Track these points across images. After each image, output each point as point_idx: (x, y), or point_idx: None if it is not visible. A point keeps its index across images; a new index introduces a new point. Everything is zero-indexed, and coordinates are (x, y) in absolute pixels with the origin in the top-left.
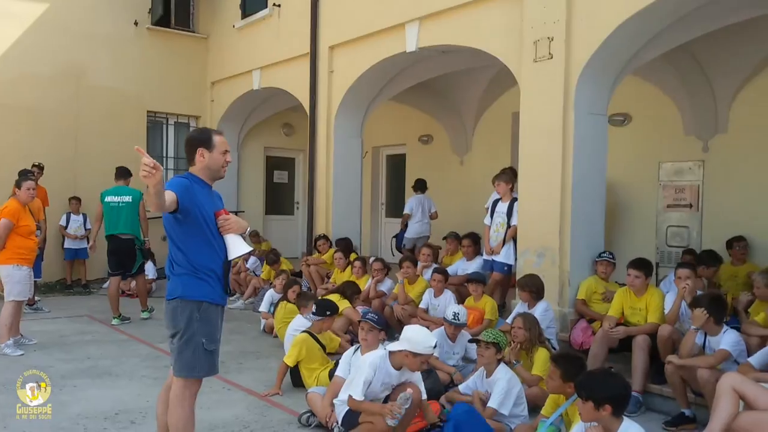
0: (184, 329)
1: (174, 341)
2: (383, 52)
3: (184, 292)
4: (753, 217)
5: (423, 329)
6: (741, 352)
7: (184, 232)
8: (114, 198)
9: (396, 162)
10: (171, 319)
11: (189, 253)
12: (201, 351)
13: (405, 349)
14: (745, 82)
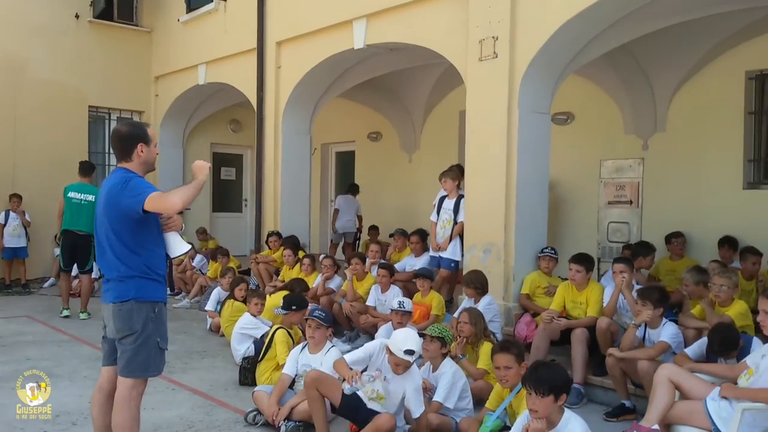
0: (140, 331)
1: (125, 343)
2: (331, 49)
3: (138, 293)
4: (690, 213)
5: (409, 332)
6: (679, 344)
7: (140, 233)
8: (77, 195)
9: (345, 159)
10: (125, 321)
11: (143, 254)
12: (156, 350)
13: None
14: (682, 82)
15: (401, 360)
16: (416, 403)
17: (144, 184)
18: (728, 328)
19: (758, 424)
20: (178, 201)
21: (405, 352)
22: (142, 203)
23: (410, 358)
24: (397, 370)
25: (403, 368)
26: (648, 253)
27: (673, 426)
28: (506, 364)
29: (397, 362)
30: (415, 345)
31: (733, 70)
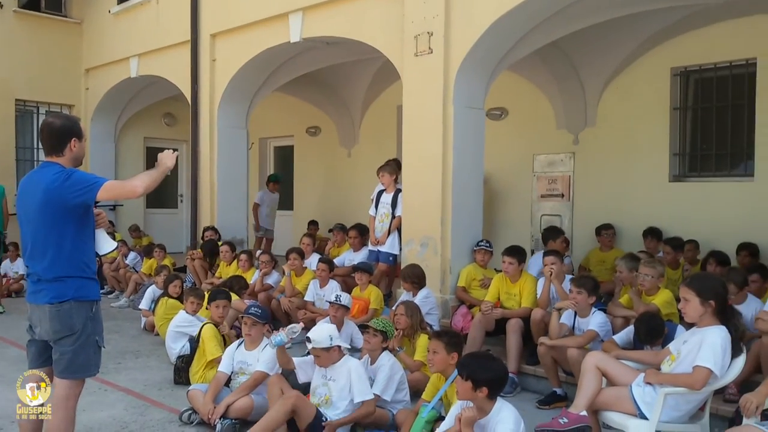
0: (81, 331)
1: (64, 344)
2: (267, 42)
3: (77, 293)
4: (619, 206)
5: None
6: (607, 332)
7: (82, 231)
8: None
9: (284, 154)
10: (64, 321)
11: (80, 252)
12: (95, 349)
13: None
14: (611, 78)
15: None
16: (359, 388)
17: (91, 175)
18: (653, 317)
19: (680, 408)
20: (140, 185)
21: (306, 339)
22: (95, 194)
23: (309, 344)
24: (317, 362)
25: (323, 360)
26: (557, 236)
27: (601, 411)
28: (434, 348)
29: (314, 354)
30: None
31: (658, 66)
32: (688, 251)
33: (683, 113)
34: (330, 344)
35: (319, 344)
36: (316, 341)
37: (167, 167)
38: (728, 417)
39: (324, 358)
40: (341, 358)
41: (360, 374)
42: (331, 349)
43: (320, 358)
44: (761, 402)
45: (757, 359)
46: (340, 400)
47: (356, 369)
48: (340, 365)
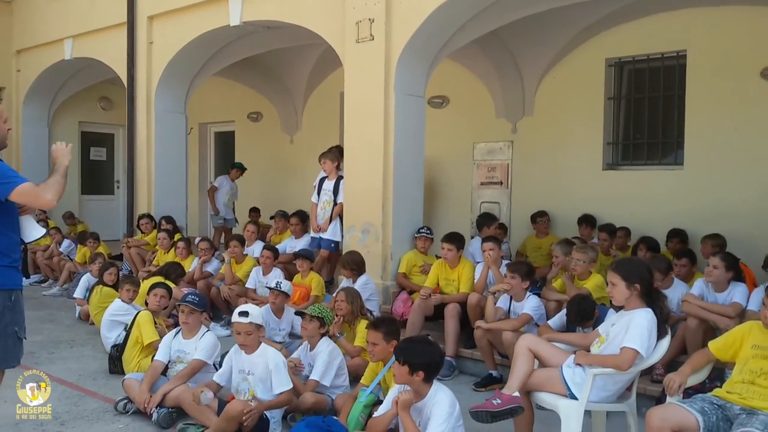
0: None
1: None
2: (206, 25)
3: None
4: (555, 193)
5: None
6: (541, 316)
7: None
8: None
9: (225, 139)
10: None
11: (2, 240)
12: (15, 340)
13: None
14: (548, 68)
15: (237, 325)
16: (277, 379)
17: (11, 171)
18: (584, 300)
19: (608, 388)
20: (52, 198)
21: (239, 314)
22: (7, 193)
23: (243, 319)
24: (238, 339)
25: (244, 336)
26: (491, 222)
27: (533, 392)
28: (373, 340)
29: (237, 331)
30: (248, 308)
31: (594, 57)
32: (620, 238)
33: (617, 103)
34: (262, 323)
35: (256, 319)
36: (254, 315)
37: (65, 166)
38: (655, 396)
39: (253, 338)
40: (260, 347)
41: (278, 364)
42: (260, 329)
43: (249, 337)
44: (683, 381)
45: (682, 340)
46: (264, 393)
47: (273, 359)
48: (256, 356)
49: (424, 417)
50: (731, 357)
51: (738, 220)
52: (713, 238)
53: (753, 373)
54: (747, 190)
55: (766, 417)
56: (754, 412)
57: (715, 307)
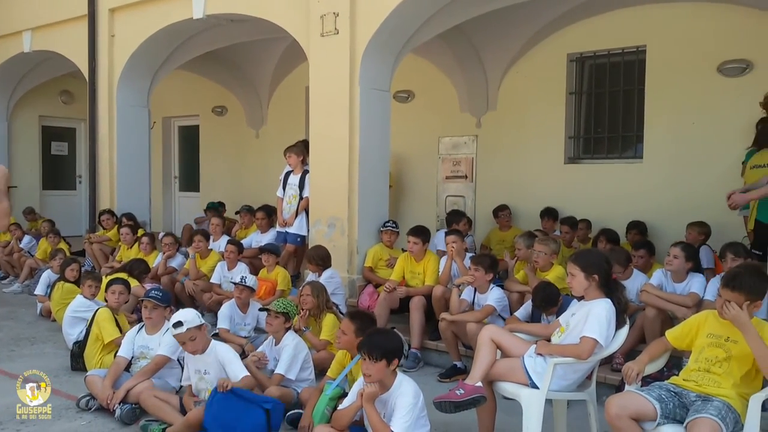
0: None
1: None
2: (169, 18)
3: None
4: (519, 187)
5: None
6: (504, 307)
7: None
8: None
9: (189, 134)
10: None
11: None
12: None
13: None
14: (511, 63)
15: (177, 337)
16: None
17: None
18: (548, 286)
19: (568, 377)
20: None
21: (173, 326)
22: None
23: (179, 330)
24: (185, 348)
25: (189, 344)
26: (459, 219)
27: (496, 382)
28: (345, 329)
29: (180, 342)
30: (180, 316)
31: (555, 52)
32: (581, 230)
33: (578, 98)
34: (201, 322)
35: (192, 323)
36: (188, 321)
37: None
38: (615, 385)
39: (199, 340)
40: (209, 345)
41: (228, 357)
42: (203, 327)
43: (194, 342)
44: (641, 369)
45: (641, 330)
46: None
47: (223, 353)
48: (207, 355)
49: (388, 408)
50: (687, 346)
51: (696, 212)
52: (699, 226)
53: (708, 361)
54: (704, 182)
55: (720, 403)
56: (709, 398)
57: (673, 297)
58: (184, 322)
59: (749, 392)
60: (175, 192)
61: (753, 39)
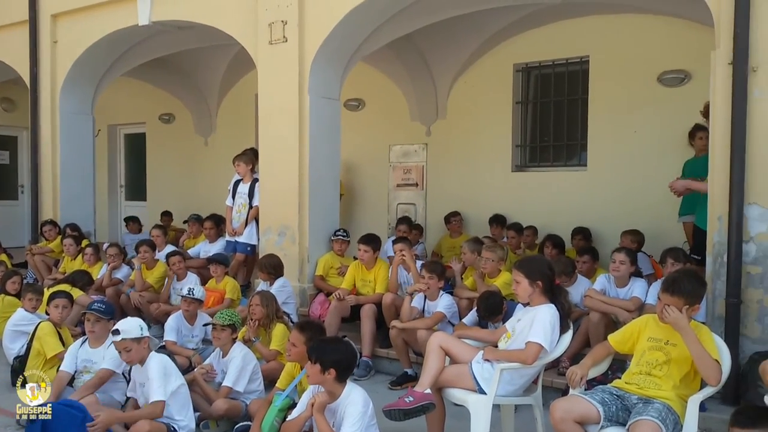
0: None
1: None
2: (113, 24)
3: None
4: (468, 194)
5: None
6: (454, 314)
7: None
8: None
9: (135, 141)
10: None
11: None
12: None
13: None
14: (459, 72)
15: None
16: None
17: None
18: (492, 295)
19: (515, 382)
20: None
21: (111, 332)
22: None
23: (115, 337)
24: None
25: (124, 354)
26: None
27: (444, 389)
28: (294, 341)
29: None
30: (120, 324)
31: (502, 62)
32: (527, 236)
33: (524, 107)
34: (141, 335)
35: (129, 334)
36: (125, 331)
37: None
38: (562, 389)
39: (135, 352)
40: (148, 358)
41: (153, 375)
42: (142, 341)
43: (129, 353)
44: (585, 373)
45: (586, 334)
46: None
47: (152, 370)
48: (144, 368)
49: (338, 417)
50: (629, 349)
51: (638, 218)
52: (633, 234)
53: (649, 364)
54: (646, 189)
55: (660, 405)
56: (650, 401)
57: (616, 301)
58: (122, 331)
59: (688, 394)
60: (122, 201)
61: (692, 50)
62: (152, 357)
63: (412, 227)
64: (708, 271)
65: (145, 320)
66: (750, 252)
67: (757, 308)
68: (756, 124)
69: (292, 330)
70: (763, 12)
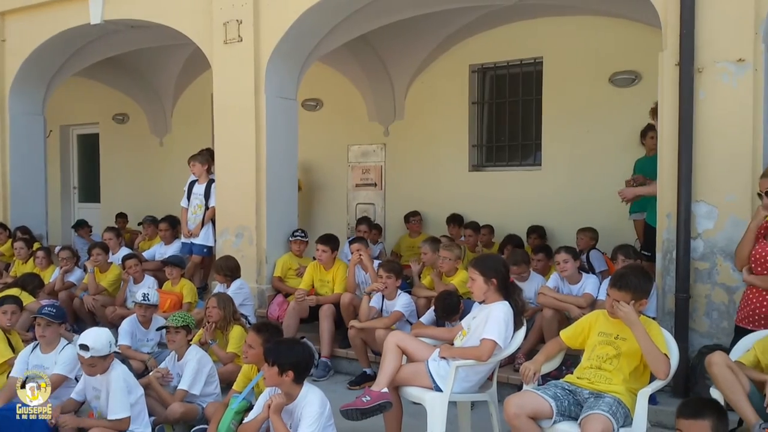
0: None
1: None
2: (65, 23)
3: None
4: (426, 194)
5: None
6: (412, 312)
7: None
8: None
9: (88, 142)
10: None
11: None
12: None
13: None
14: (417, 73)
15: (78, 356)
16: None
17: None
18: (448, 295)
19: (470, 379)
20: None
21: (80, 347)
22: None
23: (83, 353)
24: (88, 371)
25: (86, 367)
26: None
27: (401, 387)
28: (251, 343)
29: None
30: (90, 340)
31: (458, 63)
32: (484, 235)
33: (480, 107)
34: (109, 351)
35: (99, 352)
36: (95, 349)
37: None
38: (518, 385)
39: (99, 368)
40: (108, 369)
41: (117, 388)
42: (108, 357)
43: (93, 368)
44: (537, 369)
45: (540, 330)
46: None
47: (115, 381)
48: (104, 378)
49: (295, 419)
50: (581, 344)
51: (591, 216)
52: (589, 231)
53: (599, 358)
54: (599, 187)
55: (611, 399)
56: (601, 395)
57: (568, 298)
58: (91, 348)
59: (638, 387)
60: (75, 203)
61: (642, 52)
62: (114, 369)
63: (372, 227)
64: (658, 267)
65: (99, 324)
66: (698, 248)
67: (704, 303)
68: (702, 124)
69: (248, 332)
70: (708, 14)
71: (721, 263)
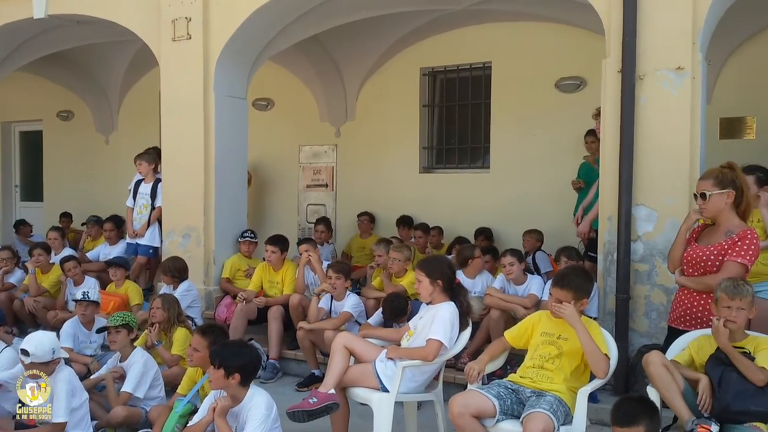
0: None
1: None
2: (6, 16)
3: None
4: (377, 195)
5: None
6: (360, 313)
7: None
8: None
9: (31, 139)
10: None
11: None
12: None
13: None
14: (368, 75)
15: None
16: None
17: None
18: (396, 297)
19: (416, 379)
20: None
21: (21, 351)
22: None
23: (24, 358)
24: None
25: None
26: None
27: (349, 388)
28: (197, 346)
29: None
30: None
31: (409, 66)
32: (433, 236)
33: (431, 110)
34: (52, 357)
35: (40, 359)
36: (35, 356)
37: None
38: (464, 384)
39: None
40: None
41: (62, 393)
42: (51, 363)
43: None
44: (482, 369)
45: (487, 330)
46: None
47: (58, 385)
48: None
49: (240, 422)
50: (524, 344)
51: (537, 218)
52: (535, 233)
53: (542, 358)
54: (545, 190)
55: (552, 398)
56: (543, 394)
57: (514, 298)
58: (31, 354)
59: (578, 386)
60: (16, 202)
61: (587, 58)
62: (60, 372)
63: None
64: (599, 268)
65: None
66: (638, 250)
67: (644, 304)
68: (643, 130)
69: (193, 334)
70: (649, 23)
71: (660, 265)
